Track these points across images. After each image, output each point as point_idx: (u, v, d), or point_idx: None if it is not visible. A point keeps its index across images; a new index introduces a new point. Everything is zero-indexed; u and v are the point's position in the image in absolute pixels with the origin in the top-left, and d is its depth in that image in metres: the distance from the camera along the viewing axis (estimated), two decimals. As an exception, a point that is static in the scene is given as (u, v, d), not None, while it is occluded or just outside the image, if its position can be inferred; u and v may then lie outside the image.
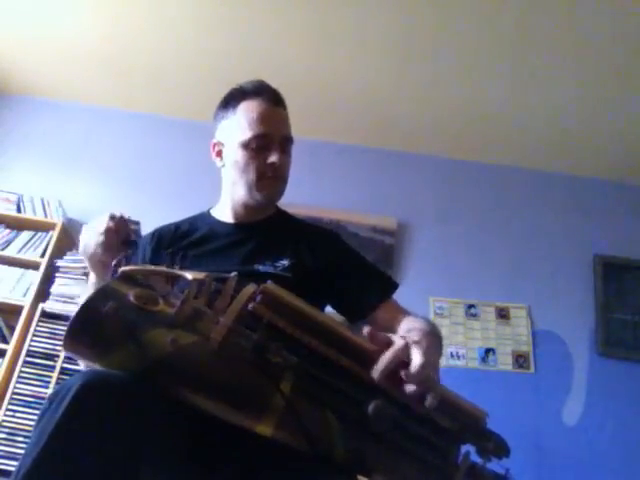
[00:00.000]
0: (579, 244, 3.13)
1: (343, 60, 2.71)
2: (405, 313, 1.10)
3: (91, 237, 0.99)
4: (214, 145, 1.21)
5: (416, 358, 0.73)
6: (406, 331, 0.97)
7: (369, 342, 0.76)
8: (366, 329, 0.78)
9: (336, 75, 2.82)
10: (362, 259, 1.21)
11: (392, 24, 2.45)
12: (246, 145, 1.12)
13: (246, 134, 1.12)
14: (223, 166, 1.19)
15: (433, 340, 0.93)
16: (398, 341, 0.75)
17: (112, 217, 0.98)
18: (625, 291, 3.02)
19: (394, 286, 1.17)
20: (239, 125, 1.13)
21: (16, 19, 2.76)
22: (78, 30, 2.77)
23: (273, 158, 1.11)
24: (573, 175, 3.28)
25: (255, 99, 1.14)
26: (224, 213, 1.22)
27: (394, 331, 1.01)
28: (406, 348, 0.74)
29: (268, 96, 1.15)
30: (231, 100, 1.17)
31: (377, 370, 0.73)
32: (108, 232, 0.96)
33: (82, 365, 0.98)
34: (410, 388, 0.72)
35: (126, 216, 1.01)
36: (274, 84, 1.19)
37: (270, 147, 1.12)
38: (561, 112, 2.84)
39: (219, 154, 1.20)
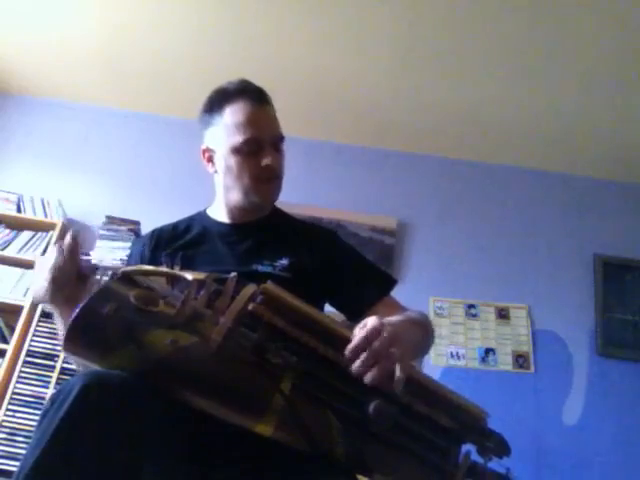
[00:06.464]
0: (579, 244, 3.13)
1: (343, 61, 2.71)
2: (403, 310, 1.08)
3: (39, 277, 0.90)
4: (204, 152, 1.17)
5: (385, 330, 0.74)
6: None
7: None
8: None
9: (336, 76, 2.82)
10: (360, 257, 1.20)
11: (392, 24, 2.45)
12: (237, 150, 1.09)
13: (236, 139, 1.08)
14: (215, 172, 1.16)
15: (414, 326, 0.92)
16: (371, 321, 0.76)
17: (59, 249, 0.91)
18: (625, 291, 3.02)
19: (392, 283, 1.16)
20: (227, 130, 1.10)
21: (16, 19, 2.76)
22: (78, 30, 2.77)
23: (267, 160, 1.08)
24: (573, 175, 3.28)
25: (240, 101, 1.10)
26: (220, 214, 1.20)
27: None
28: (379, 327, 0.75)
29: (252, 95, 1.11)
30: (215, 104, 1.13)
31: (348, 349, 0.73)
32: (56, 269, 0.89)
33: (77, 366, 0.98)
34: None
35: (76, 241, 0.91)
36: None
37: (262, 149, 1.09)
38: (561, 112, 2.84)
39: (210, 160, 1.16)
